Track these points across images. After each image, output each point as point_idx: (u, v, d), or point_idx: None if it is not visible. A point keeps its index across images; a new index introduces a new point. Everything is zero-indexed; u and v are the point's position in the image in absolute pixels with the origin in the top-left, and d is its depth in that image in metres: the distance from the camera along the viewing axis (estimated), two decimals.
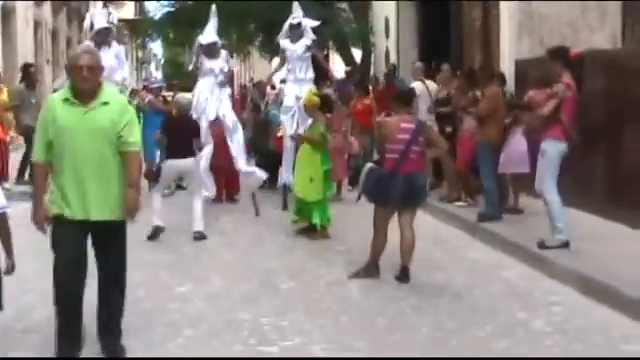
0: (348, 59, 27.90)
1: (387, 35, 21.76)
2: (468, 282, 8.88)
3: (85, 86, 6.04)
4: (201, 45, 13.41)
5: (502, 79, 12.74)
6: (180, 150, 11.08)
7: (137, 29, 32.78)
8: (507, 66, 13.76)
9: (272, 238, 11.29)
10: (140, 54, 55.22)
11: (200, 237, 10.95)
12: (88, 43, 12.51)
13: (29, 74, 15.89)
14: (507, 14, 13.87)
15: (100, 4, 31.87)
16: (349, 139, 15.65)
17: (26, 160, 15.34)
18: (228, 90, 13.67)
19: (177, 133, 11.19)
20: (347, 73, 23.07)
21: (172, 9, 29.04)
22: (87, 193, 6.12)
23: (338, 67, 30.23)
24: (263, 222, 12.46)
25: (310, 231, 11.31)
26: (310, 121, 11.82)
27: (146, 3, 38.15)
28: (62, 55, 28.77)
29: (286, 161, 13.42)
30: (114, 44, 12.86)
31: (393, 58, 20.90)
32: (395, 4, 20.78)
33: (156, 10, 32.09)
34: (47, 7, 27.27)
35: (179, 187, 14.18)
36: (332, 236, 11.26)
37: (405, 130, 8.79)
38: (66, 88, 6.19)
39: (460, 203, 12.62)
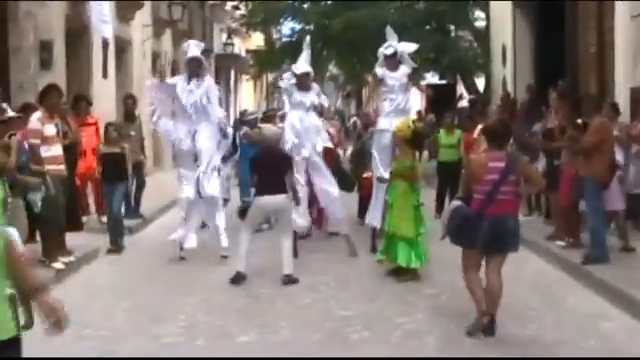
0: (471, 88, 27.22)
1: (504, 63, 20.92)
2: (561, 335, 8.04)
3: None
4: (295, 75, 12.72)
5: (615, 109, 11.82)
6: (270, 186, 10.40)
7: (260, 59, 32.67)
8: (622, 94, 12.79)
9: (359, 280, 10.60)
10: (268, 83, 55.23)
11: (290, 281, 10.25)
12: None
13: (127, 106, 15.68)
14: (622, 40, 12.91)
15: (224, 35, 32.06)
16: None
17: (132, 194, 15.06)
18: (320, 124, 12.82)
19: (266, 168, 10.51)
20: (470, 102, 22.32)
21: (292, 39, 28.89)
22: None
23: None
24: (354, 262, 11.78)
25: (400, 272, 10.61)
26: (396, 153, 11.17)
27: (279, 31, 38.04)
28: None
29: (376, 201, 12.60)
30: (207, 77, 12.36)
31: (510, 86, 20.03)
32: (512, 31, 19.92)
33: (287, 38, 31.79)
34: (167, 39, 27.37)
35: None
36: (422, 277, 10.54)
37: (493, 170, 7.93)
38: None
39: (561, 242, 11.69)
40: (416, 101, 38.73)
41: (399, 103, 12.62)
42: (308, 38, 13.36)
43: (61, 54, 16.76)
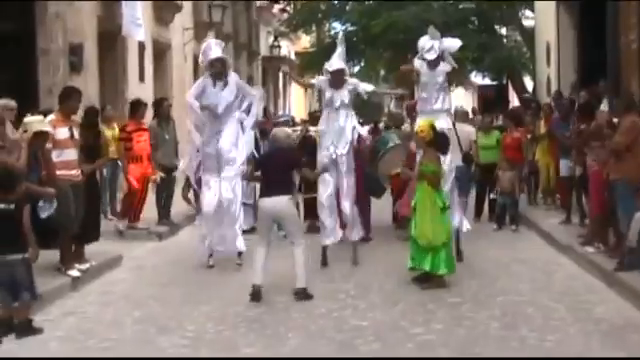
0: (520, 88, 26.67)
1: (548, 62, 20.35)
2: (583, 348, 7.58)
3: None
4: (328, 72, 12.20)
5: None
6: (272, 187, 9.78)
7: (304, 61, 32.47)
8: None
9: (380, 287, 10.20)
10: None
11: (303, 297, 9.59)
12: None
13: (163, 109, 15.32)
14: None
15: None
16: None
17: (160, 201, 14.83)
18: (354, 123, 12.10)
19: (271, 168, 9.95)
20: (524, 101, 21.62)
21: (335, 40, 28.53)
22: None
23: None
24: (379, 267, 11.38)
25: (424, 279, 10.20)
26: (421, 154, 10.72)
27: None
28: None
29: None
30: (232, 77, 11.98)
31: (554, 85, 19.46)
32: (555, 29, 19.36)
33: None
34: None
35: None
36: (448, 284, 10.12)
37: None
38: None
39: (590, 248, 11.21)
40: (466, 101, 38.30)
41: (432, 103, 11.85)
42: (341, 34, 12.94)
43: (93, 57, 16.65)
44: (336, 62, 12.06)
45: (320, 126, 12.24)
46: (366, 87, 12.62)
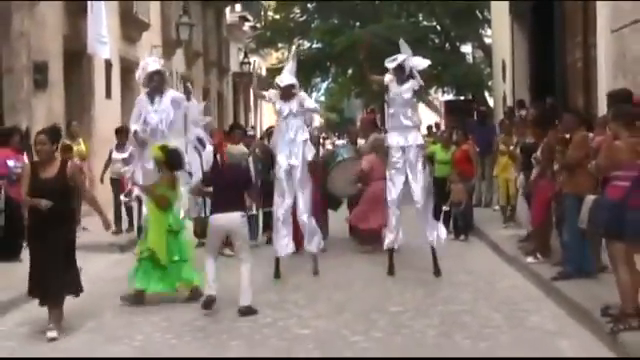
0: (482, 104, 27.16)
1: (504, 78, 20.82)
2: (512, 353, 7.94)
3: None
4: (279, 87, 12.42)
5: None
6: (225, 203, 9.98)
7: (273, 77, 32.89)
8: (604, 108, 12.66)
9: (329, 297, 10.53)
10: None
11: (247, 313, 9.70)
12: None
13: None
14: (603, 54, 12.83)
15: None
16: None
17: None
18: (306, 135, 12.31)
19: (223, 184, 10.19)
20: (479, 114, 22.01)
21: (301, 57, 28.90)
22: None
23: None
24: (330, 278, 11.76)
25: (137, 296, 10.45)
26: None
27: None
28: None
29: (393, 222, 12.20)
30: (170, 92, 12.13)
31: (509, 101, 19.92)
32: (510, 46, 19.82)
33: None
34: (180, 59, 27.44)
35: None
36: (391, 294, 10.49)
37: None
38: None
39: (530, 259, 11.62)
40: (431, 116, 38.66)
41: (402, 119, 12.07)
42: (294, 48, 13.21)
43: (58, 74, 16.96)
44: (286, 77, 12.27)
45: (273, 137, 12.57)
46: (310, 104, 12.94)
